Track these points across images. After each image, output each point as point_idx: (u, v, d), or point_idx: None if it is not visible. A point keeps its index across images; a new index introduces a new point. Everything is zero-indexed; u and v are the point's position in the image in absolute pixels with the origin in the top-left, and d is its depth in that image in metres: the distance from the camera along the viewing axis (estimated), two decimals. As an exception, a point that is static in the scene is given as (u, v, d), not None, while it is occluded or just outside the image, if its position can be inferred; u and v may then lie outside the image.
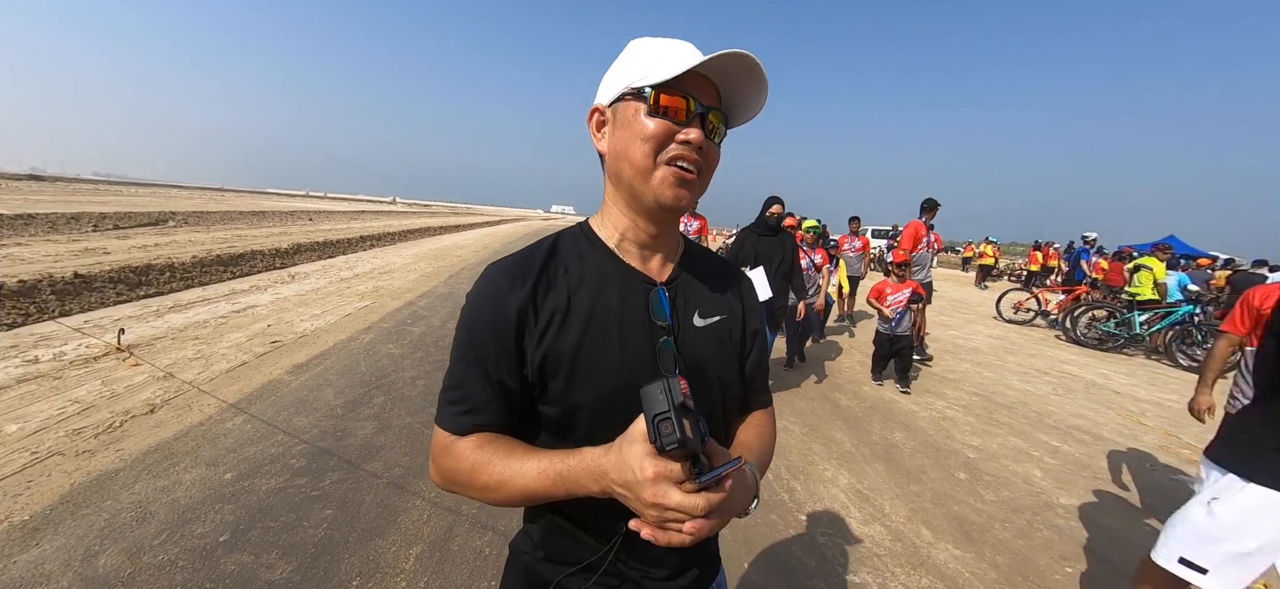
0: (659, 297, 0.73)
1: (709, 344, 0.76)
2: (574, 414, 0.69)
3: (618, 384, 0.68)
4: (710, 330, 0.77)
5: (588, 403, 0.68)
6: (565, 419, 0.69)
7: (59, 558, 1.97)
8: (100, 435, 2.88)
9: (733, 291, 0.83)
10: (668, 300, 0.74)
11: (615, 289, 0.72)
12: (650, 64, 0.66)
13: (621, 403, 0.65)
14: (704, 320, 0.76)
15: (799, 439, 3.63)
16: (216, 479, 2.56)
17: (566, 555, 0.73)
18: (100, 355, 4.04)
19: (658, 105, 0.65)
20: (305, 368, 4.21)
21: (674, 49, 0.68)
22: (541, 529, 0.76)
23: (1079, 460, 3.66)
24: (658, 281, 0.75)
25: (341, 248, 12.57)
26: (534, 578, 0.75)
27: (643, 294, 0.73)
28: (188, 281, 7.02)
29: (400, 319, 6.12)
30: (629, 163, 0.68)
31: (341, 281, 8.37)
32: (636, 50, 0.69)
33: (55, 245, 7.90)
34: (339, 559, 2.08)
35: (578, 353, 0.68)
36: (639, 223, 0.74)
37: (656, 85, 0.65)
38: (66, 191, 22.86)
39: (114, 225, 11.20)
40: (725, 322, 0.79)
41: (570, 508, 0.70)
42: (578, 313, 0.69)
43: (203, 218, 15.17)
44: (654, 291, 0.73)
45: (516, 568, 0.79)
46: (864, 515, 2.74)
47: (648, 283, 0.74)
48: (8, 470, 2.48)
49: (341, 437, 3.09)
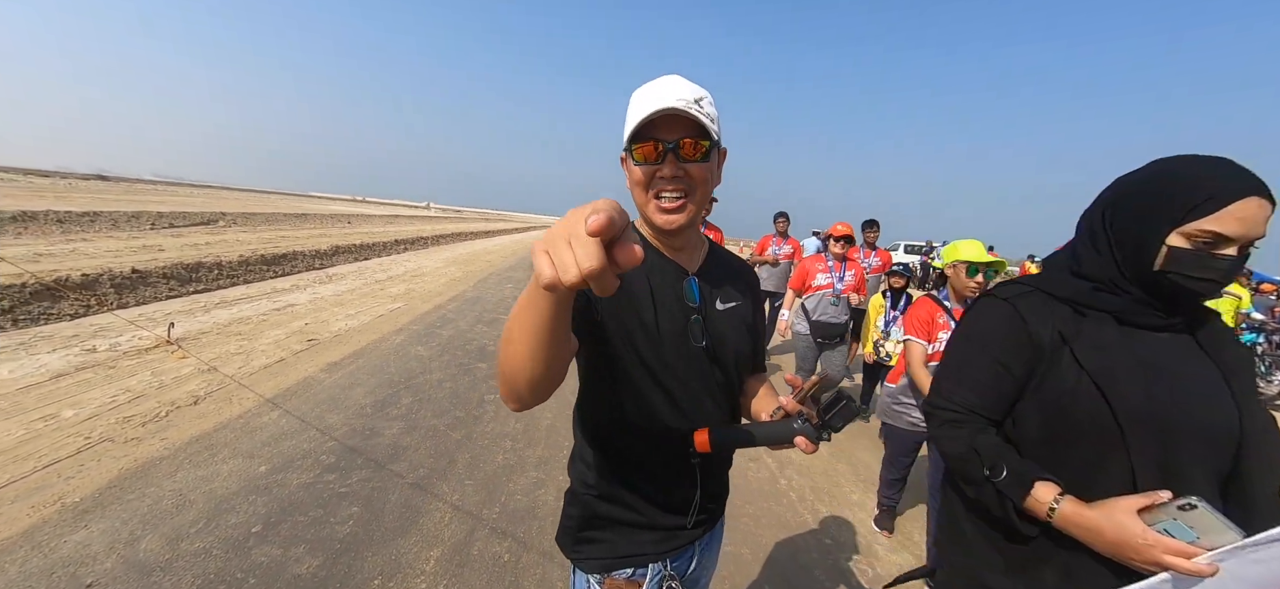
0: (690, 285, 0.92)
1: (728, 324, 0.95)
2: (620, 371, 0.87)
3: (655, 347, 0.87)
4: (729, 313, 0.95)
5: (631, 358, 0.86)
6: (614, 374, 0.88)
7: (104, 540, 2.07)
8: (147, 424, 3.03)
9: (745, 284, 1.03)
10: (697, 287, 0.92)
11: (658, 274, 0.90)
12: (632, 119, 0.81)
13: (657, 363, 0.87)
14: (724, 305, 0.95)
15: (824, 459, 3.54)
16: (251, 471, 2.65)
17: (617, 496, 0.93)
18: (151, 347, 4.26)
19: (636, 157, 0.82)
20: (338, 366, 4.34)
21: (647, 99, 0.80)
22: (595, 473, 0.95)
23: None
24: (689, 271, 0.93)
25: (377, 250, 12.99)
26: (592, 511, 0.95)
27: (678, 280, 0.91)
28: (233, 279, 7.36)
29: (430, 322, 6.26)
30: (635, 200, 0.88)
31: (375, 283, 8.64)
32: (631, 105, 0.84)
33: (116, 241, 8.40)
34: (362, 557, 2.13)
35: (624, 316, 0.85)
36: (656, 230, 0.91)
37: (629, 142, 0.81)
38: (129, 191, 24.36)
39: (170, 224, 11.86)
40: (740, 307, 0.98)
41: (623, 462, 0.93)
42: (633, 286, 0.87)
43: (250, 218, 15.92)
44: (686, 279, 0.92)
45: (576, 503, 0.98)
46: (892, 543, 2.64)
47: (681, 272, 0.92)
48: (63, 453, 2.63)
49: (370, 436, 3.16)
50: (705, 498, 0.95)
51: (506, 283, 10.07)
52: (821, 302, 3.75)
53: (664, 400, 0.89)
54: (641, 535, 0.93)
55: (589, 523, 0.95)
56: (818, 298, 3.76)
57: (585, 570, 0.95)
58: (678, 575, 0.96)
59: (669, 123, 0.79)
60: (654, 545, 0.93)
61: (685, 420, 0.89)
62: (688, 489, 0.93)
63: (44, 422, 2.91)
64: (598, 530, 0.95)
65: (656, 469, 0.92)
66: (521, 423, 3.56)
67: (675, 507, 0.94)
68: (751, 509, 2.80)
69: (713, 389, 0.92)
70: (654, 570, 0.93)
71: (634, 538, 0.93)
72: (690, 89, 0.81)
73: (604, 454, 0.94)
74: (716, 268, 0.99)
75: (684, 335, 0.89)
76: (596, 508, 0.94)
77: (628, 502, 0.93)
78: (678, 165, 0.81)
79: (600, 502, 0.94)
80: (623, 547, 0.93)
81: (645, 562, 0.93)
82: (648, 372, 0.87)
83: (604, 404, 0.92)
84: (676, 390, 0.89)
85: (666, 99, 0.77)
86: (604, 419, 0.93)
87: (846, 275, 3.75)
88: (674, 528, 0.94)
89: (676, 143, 0.79)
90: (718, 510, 1.04)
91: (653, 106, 0.77)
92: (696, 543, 0.99)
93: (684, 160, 0.80)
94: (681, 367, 0.89)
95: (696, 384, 0.90)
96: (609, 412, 0.91)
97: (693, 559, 1.00)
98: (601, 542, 0.94)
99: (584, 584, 0.95)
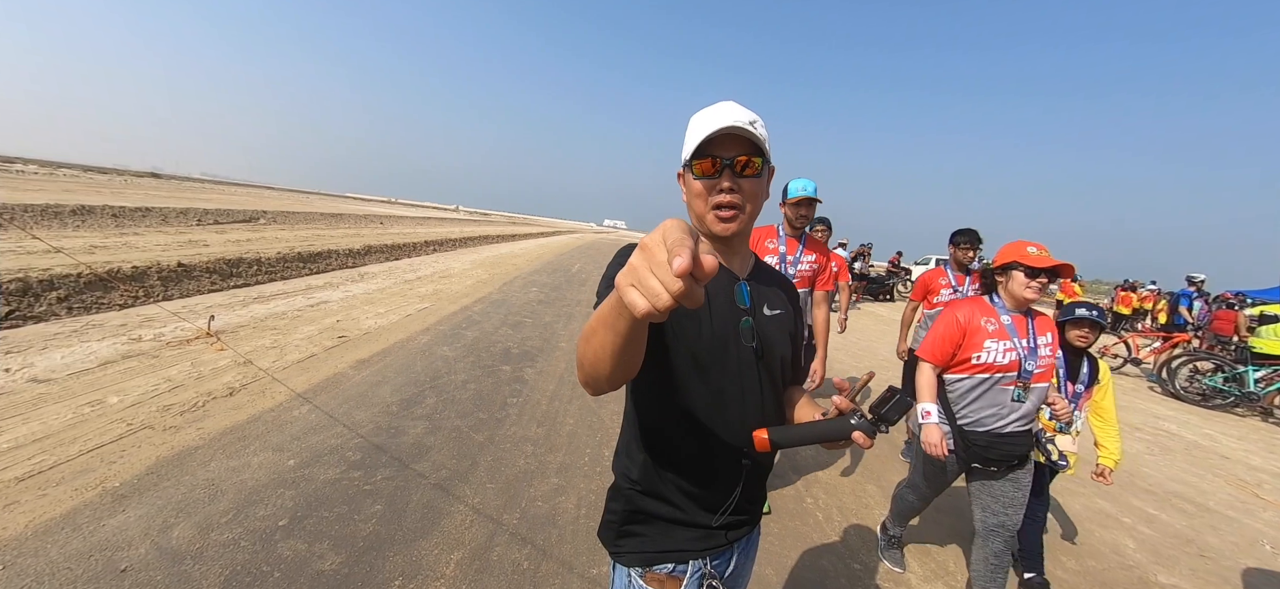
0: (742, 289, 0.98)
1: (774, 329, 1.01)
2: (672, 367, 0.91)
3: (707, 345, 0.92)
4: (775, 320, 1.01)
5: (683, 356, 0.91)
6: (667, 370, 0.92)
7: (139, 526, 2.13)
8: (185, 413, 3.13)
9: (787, 295, 1.07)
10: (748, 291, 0.99)
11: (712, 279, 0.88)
12: (692, 138, 0.90)
13: (709, 361, 0.92)
14: (771, 312, 1.01)
15: (852, 479, 3.42)
16: (281, 464, 2.70)
17: (661, 492, 0.96)
18: (192, 339, 4.42)
19: (696, 171, 0.91)
20: (367, 364, 4.42)
21: (707, 120, 0.89)
22: (640, 468, 0.98)
23: (1181, 533, 3.22)
24: (741, 277, 1.00)
25: (407, 251, 13.29)
26: (634, 507, 0.98)
27: (730, 284, 0.98)
28: (271, 275, 7.62)
29: (456, 323, 6.35)
30: (692, 211, 0.96)
31: (405, 283, 8.82)
32: (690, 127, 0.93)
33: (165, 236, 8.80)
34: (384, 556, 2.13)
35: (680, 316, 0.90)
36: (713, 242, 0.97)
37: (689, 158, 0.90)
38: (179, 188, 25.57)
39: (214, 220, 12.37)
40: (784, 315, 1.03)
41: (669, 458, 0.95)
42: None
43: (289, 217, 16.50)
44: (738, 284, 0.98)
45: (619, 498, 1.01)
46: (925, 571, 2.52)
47: (733, 277, 0.99)
48: (107, 439, 2.73)
49: (395, 434, 3.20)
50: (744, 498, 0.98)
51: (531, 287, 10.15)
52: (986, 395, 1.99)
53: (714, 399, 0.93)
54: (683, 532, 0.96)
55: (632, 518, 0.98)
56: (977, 389, 2.01)
57: (625, 564, 0.98)
58: (718, 575, 0.98)
59: (725, 142, 0.88)
60: (695, 543, 0.96)
61: (733, 419, 0.93)
62: (731, 488, 0.96)
63: (91, 407, 3.03)
64: (640, 525, 0.98)
65: (702, 467, 0.95)
66: (544, 428, 3.55)
67: (717, 505, 0.96)
68: (777, 527, 2.72)
69: (761, 389, 0.96)
70: (694, 567, 0.96)
71: (675, 534, 0.96)
72: (745, 113, 0.89)
73: (651, 450, 0.97)
74: (762, 276, 1.05)
75: (736, 336, 0.94)
76: (639, 503, 0.97)
77: (671, 498, 0.96)
78: (734, 180, 0.89)
79: (643, 497, 0.97)
80: (664, 542, 0.96)
81: (686, 559, 0.96)
82: (700, 370, 0.92)
83: (655, 401, 0.95)
84: (728, 389, 0.93)
85: (724, 120, 0.86)
86: (654, 416, 0.96)
87: (1041, 347, 1.96)
88: (716, 527, 0.97)
89: (732, 160, 0.88)
90: (757, 514, 1.06)
91: (712, 127, 0.86)
92: (736, 544, 1.01)
93: (739, 176, 0.89)
94: (733, 366, 0.93)
95: (746, 384, 0.94)
96: (660, 409, 0.95)
97: (732, 561, 1.02)
98: (643, 536, 0.97)
99: (625, 579, 0.98)
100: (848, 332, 9.67)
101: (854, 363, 7.16)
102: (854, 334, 9.64)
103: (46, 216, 8.69)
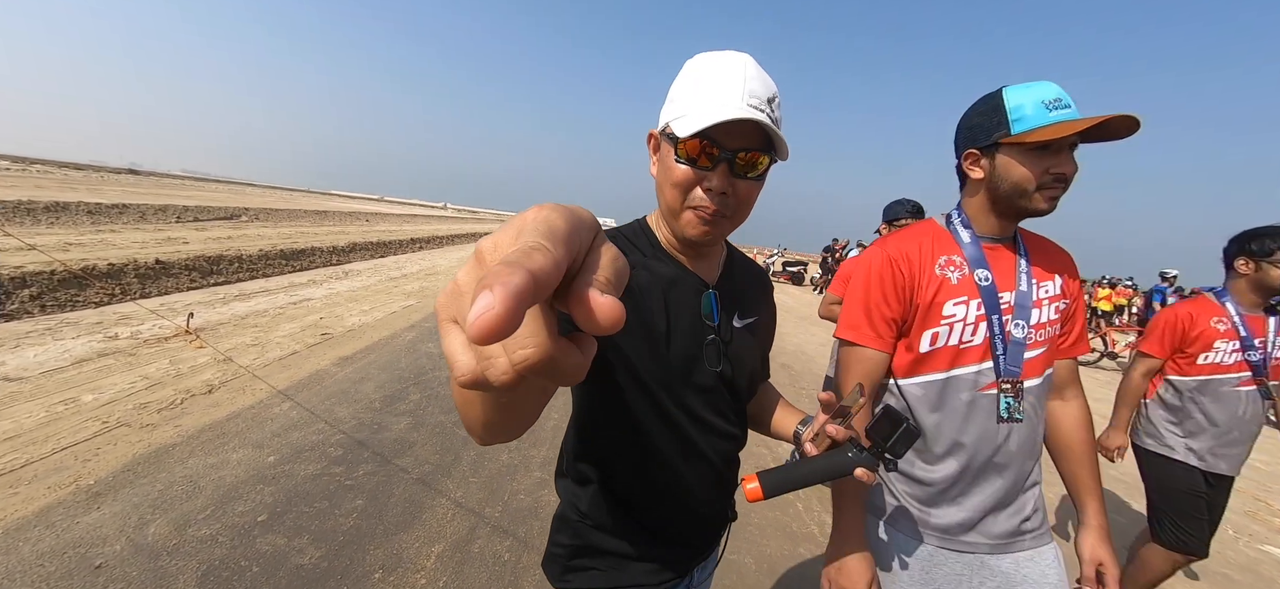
0: (710, 299, 0.82)
1: (745, 341, 0.87)
2: (625, 399, 0.76)
3: (664, 376, 0.77)
4: (746, 330, 0.88)
5: (636, 388, 0.76)
6: (618, 399, 0.77)
7: (115, 523, 2.11)
8: (163, 411, 3.09)
9: (763, 294, 0.96)
10: (717, 303, 0.83)
11: (675, 289, 0.80)
12: (688, 102, 0.69)
13: (666, 394, 0.77)
14: (742, 321, 0.88)
15: (833, 470, 3.48)
16: (260, 461, 2.69)
17: (614, 527, 0.83)
18: (170, 336, 4.36)
19: (680, 153, 0.69)
20: (350, 361, 4.39)
21: (713, 91, 0.67)
22: (589, 500, 0.84)
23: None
24: (709, 283, 0.84)
25: (393, 249, 13.17)
26: (584, 541, 0.85)
27: (696, 295, 0.81)
28: (253, 273, 7.51)
29: (442, 320, 6.32)
30: (663, 198, 0.77)
31: (390, 280, 8.75)
32: (685, 78, 0.72)
33: (143, 233, 8.64)
34: (364, 550, 2.13)
35: (631, 337, 0.74)
36: (680, 237, 0.79)
37: (684, 136, 0.67)
38: (158, 185, 25.06)
39: (194, 217, 12.16)
40: (758, 321, 0.91)
41: (623, 492, 0.83)
42: (644, 304, 0.76)
43: (272, 214, 16.27)
44: (706, 294, 0.82)
45: (566, 530, 0.87)
46: (899, 557, 2.57)
47: (701, 284, 0.82)
48: (81, 437, 2.69)
49: (377, 430, 3.19)
50: (710, 532, 0.93)
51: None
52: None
53: (670, 431, 0.79)
54: (637, 567, 0.85)
55: (581, 552, 0.86)
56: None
57: None
58: None
59: (735, 132, 0.67)
60: (650, 577, 0.85)
61: (692, 451, 0.82)
62: (693, 524, 0.89)
63: (65, 405, 2.98)
64: (589, 559, 0.86)
65: (661, 505, 0.84)
66: (528, 422, 3.56)
67: (673, 539, 0.87)
68: (757, 518, 2.76)
69: (725, 416, 0.85)
70: None
71: (629, 569, 0.85)
72: (764, 84, 0.68)
73: (600, 483, 0.84)
74: (736, 275, 0.90)
75: (698, 360, 0.80)
76: (590, 537, 0.85)
77: (625, 533, 0.84)
78: (729, 180, 0.69)
79: (594, 531, 0.85)
80: (616, 577, 0.84)
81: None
82: (652, 401, 0.77)
83: (602, 431, 0.82)
84: (684, 421, 0.80)
85: (738, 104, 0.65)
86: (602, 447, 0.83)
87: None
88: (672, 560, 0.88)
89: (733, 155, 0.68)
90: (718, 536, 0.98)
91: (721, 111, 0.65)
92: (693, 569, 0.92)
93: (737, 174, 0.70)
94: (691, 395, 0.80)
95: (708, 413, 0.82)
96: (608, 440, 0.82)
97: (690, 583, 0.93)
98: (593, 570, 0.85)
99: None
100: (833, 327, 9.76)
101: (838, 358, 7.23)
102: (839, 330, 9.72)
103: (19, 213, 8.49)
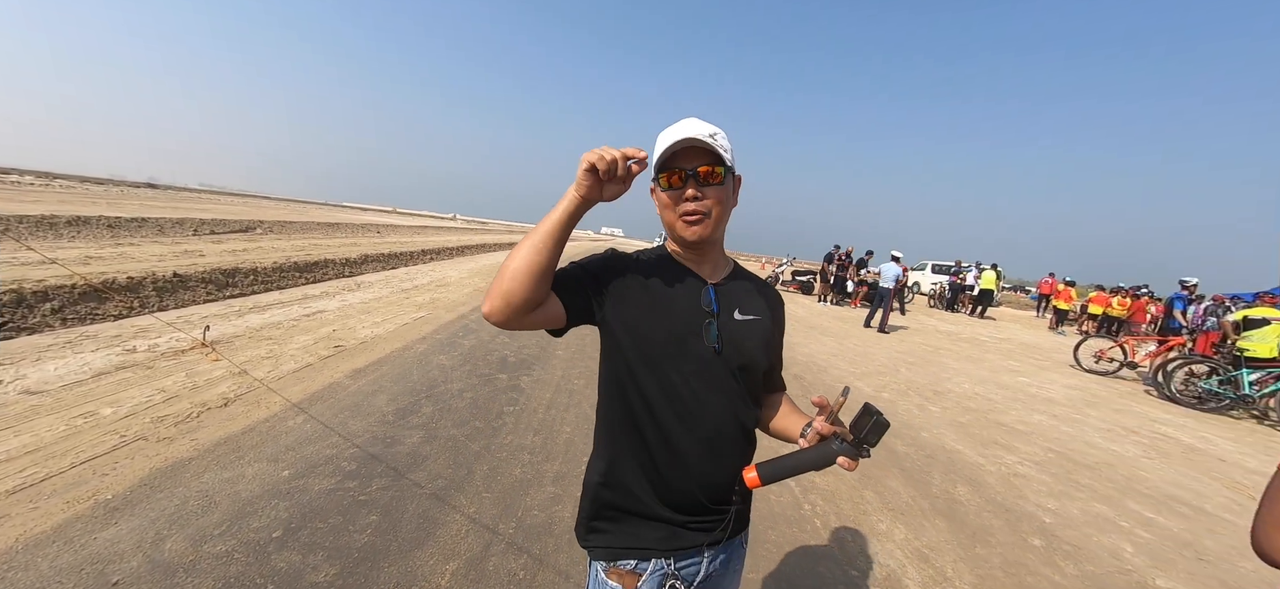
0: (708, 292, 1.02)
1: (745, 332, 1.03)
2: (628, 361, 0.97)
3: (661, 342, 0.96)
4: (747, 324, 1.04)
5: (637, 351, 0.97)
6: (624, 364, 0.98)
7: (132, 538, 2.11)
8: (180, 424, 3.11)
9: (766, 302, 1.10)
10: (715, 296, 1.03)
11: (680, 280, 1.02)
12: (658, 153, 0.97)
13: (661, 356, 0.96)
14: (743, 316, 1.04)
15: (850, 485, 3.41)
16: (275, 475, 2.68)
17: (622, 485, 0.99)
18: (187, 349, 4.40)
19: (663, 184, 0.98)
20: (363, 373, 4.40)
21: (670, 136, 0.95)
22: (606, 463, 1.02)
23: (1179, 537, 3.22)
24: (709, 282, 1.04)
25: (404, 260, 13.28)
26: (601, 501, 1.01)
27: (697, 288, 1.02)
28: (267, 285, 7.59)
29: (453, 331, 6.33)
30: (665, 220, 1.02)
31: (402, 292, 8.80)
32: (656, 144, 0.99)
33: (161, 246, 8.78)
34: (379, 567, 2.11)
35: (636, 314, 0.98)
36: (685, 248, 1.04)
37: (657, 171, 0.97)
38: (175, 198, 25.53)
39: (211, 230, 12.35)
40: (759, 321, 1.06)
41: (629, 453, 0.99)
42: (650, 291, 1.00)
43: (286, 227, 16.48)
44: (705, 288, 1.03)
45: (588, 493, 1.05)
46: (923, 578, 2.51)
47: (701, 281, 1.03)
48: (100, 451, 2.71)
49: (390, 443, 3.18)
50: (708, 499, 0.99)
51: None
52: None
53: (668, 397, 0.95)
54: (649, 530, 0.98)
55: (599, 513, 1.01)
56: None
57: (593, 558, 1.02)
58: (686, 579, 0.99)
59: (689, 154, 0.94)
60: (659, 542, 0.97)
61: (692, 417, 0.96)
62: (691, 486, 0.97)
63: (84, 419, 3.01)
64: (605, 520, 1.01)
65: (661, 463, 0.97)
66: (540, 436, 3.54)
67: (676, 503, 0.97)
68: (774, 535, 2.71)
69: (723, 391, 0.98)
70: (656, 565, 0.97)
71: (641, 532, 0.98)
72: (705, 126, 0.94)
73: (613, 445, 1.01)
74: (738, 281, 1.09)
75: (697, 336, 0.98)
76: (604, 497, 1.01)
77: (632, 493, 0.98)
78: (698, 188, 0.95)
79: (606, 490, 1.01)
80: (628, 538, 0.98)
81: (649, 556, 0.97)
82: (653, 369, 0.96)
83: (615, 399, 1.00)
84: (681, 388, 0.95)
85: (686, 133, 0.93)
86: (614, 414, 1.01)
87: None
88: (678, 526, 0.98)
89: (695, 169, 0.94)
90: (730, 523, 1.00)
91: (674, 139, 0.93)
92: (705, 550, 1.00)
93: (702, 184, 0.95)
94: (689, 366, 0.96)
95: (704, 385, 0.97)
96: (619, 406, 0.99)
97: (702, 568, 1.01)
98: (609, 531, 1.00)
99: (593, 574, 1.02)
100: (849, 341, 9.71)
101: (851, 367, 7.16)
102: (854, 342, 9.66)
103: (42, 227, 8.67)
